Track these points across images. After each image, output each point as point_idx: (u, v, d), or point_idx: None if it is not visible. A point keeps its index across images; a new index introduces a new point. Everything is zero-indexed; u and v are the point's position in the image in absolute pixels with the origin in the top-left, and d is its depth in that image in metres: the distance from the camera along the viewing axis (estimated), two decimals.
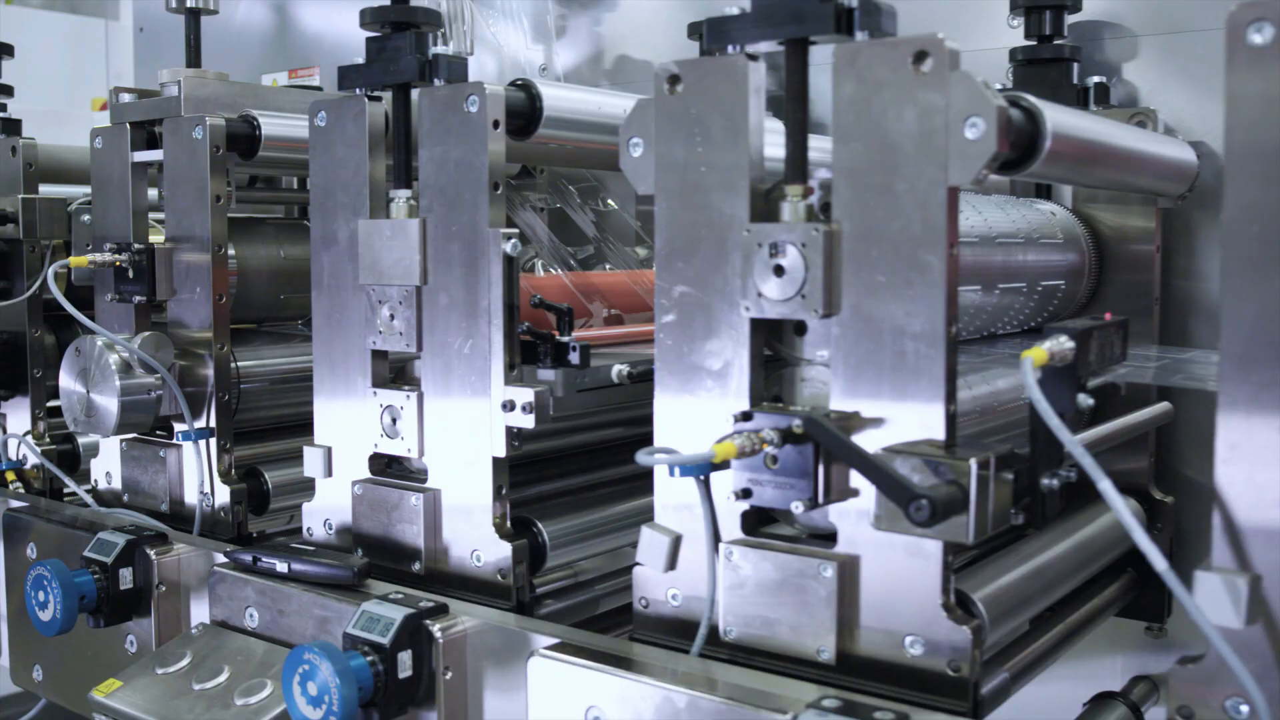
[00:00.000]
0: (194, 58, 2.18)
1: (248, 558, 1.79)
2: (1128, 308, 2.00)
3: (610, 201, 2.59)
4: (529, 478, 1.94)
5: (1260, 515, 1.17)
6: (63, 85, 4.40)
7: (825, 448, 1.31)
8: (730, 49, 1.44)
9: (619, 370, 1.74)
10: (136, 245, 2.10)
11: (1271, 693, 1.17)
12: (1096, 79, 2.08)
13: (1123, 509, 1.17)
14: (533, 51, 2.91)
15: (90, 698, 1.75)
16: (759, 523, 1.51)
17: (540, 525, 1.81)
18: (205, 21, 2.27)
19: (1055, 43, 2.09)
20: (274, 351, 2.24)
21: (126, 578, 1.93)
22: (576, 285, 2.14)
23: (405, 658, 1.57)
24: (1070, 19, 2.14)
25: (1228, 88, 1.16)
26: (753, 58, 1.44)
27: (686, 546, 1.52)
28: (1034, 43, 2.11)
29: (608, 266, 2.45)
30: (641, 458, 1.37)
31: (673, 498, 1.52)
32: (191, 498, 2.11)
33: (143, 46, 3.84)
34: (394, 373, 1.88)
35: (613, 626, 1.89)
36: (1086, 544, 1.76)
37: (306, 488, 1.94)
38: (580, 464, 2.02)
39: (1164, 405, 1.91)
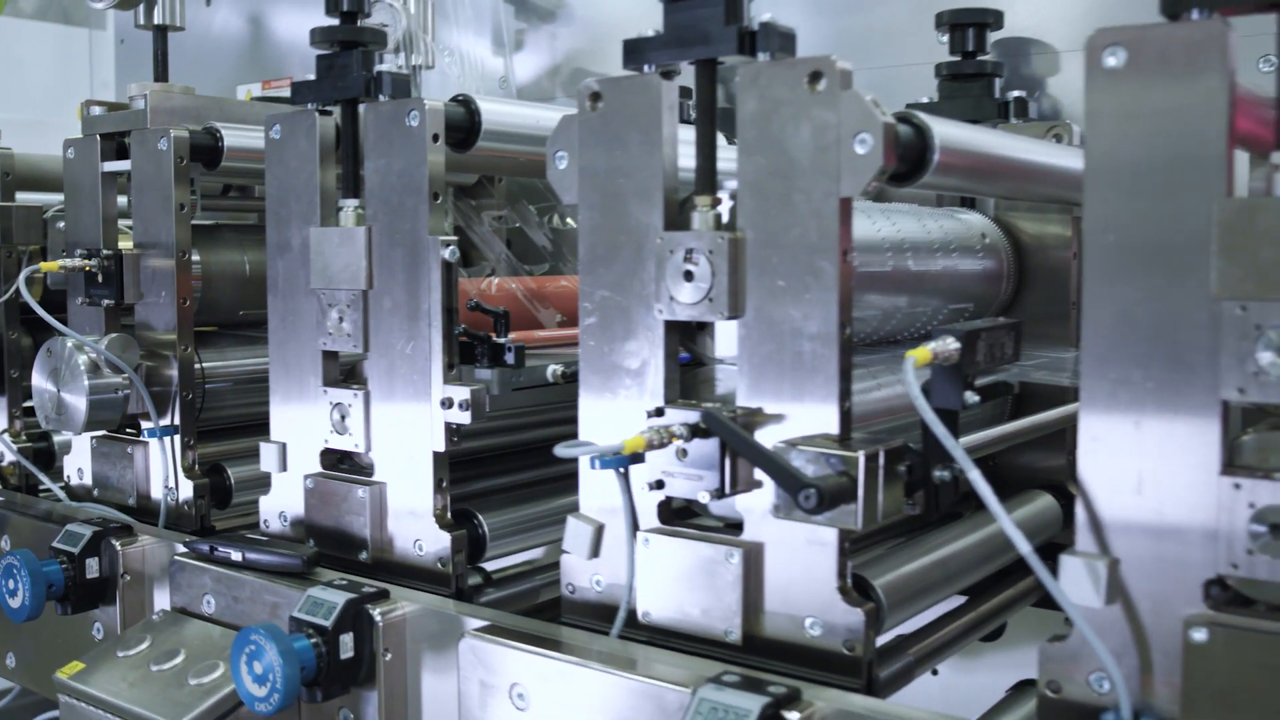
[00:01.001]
0: (161, 72, 2.29)
1: (205, 547, 1.89)
2: (1047, 311, 2.10)
3: (569, 220, 2.68)
4: (475, 473, 2.04)
5: (1118, 503, 1.26)
6: (53, 94, 4.51)
7: (724, 441, 1.41)
8: (646, 68, 1.54)
9: (553, 370, 1.84)
10: (105, 251, 2.20)
11: (1129, 668, 1.26)
12: (1016, 93, 2.18)
13: (990, 496, 1.26)
14: (494, 64, 3.02)
15: (55, 679, 1.84)
16: (684, 515, 1.61)
17: (481, 517, 1.90)
18: (184, 34, 2.37)
19: (978, 59, 2.19)
20: (238, 353, 2.33)
21: (93, 567, 2.03)
22: (528, 293, 2.23)
23: (347, 639, 1.66)
24: (997, 35, 2.24)
25: (1087, 106, 1.26)
26: (668, 76, 1.54)
27: (609, 536, 1.61)
28: (958, 58, 2.21)
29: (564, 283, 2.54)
30: (559, 450, 1.47)
31: (597, 490, 1.61)
32: (158, 492, 2.20)
33: (124, 57, 3.95)
34: (345, 372, 1.97)
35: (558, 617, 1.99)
36: (997, 535, 1.85)
37: (268, 483, 2.04)
38: (524, 460, 2.11)
39: (1077, 405, 2.00)
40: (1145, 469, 1.24)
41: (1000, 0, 2.26)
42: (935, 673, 2.47)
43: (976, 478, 1.28)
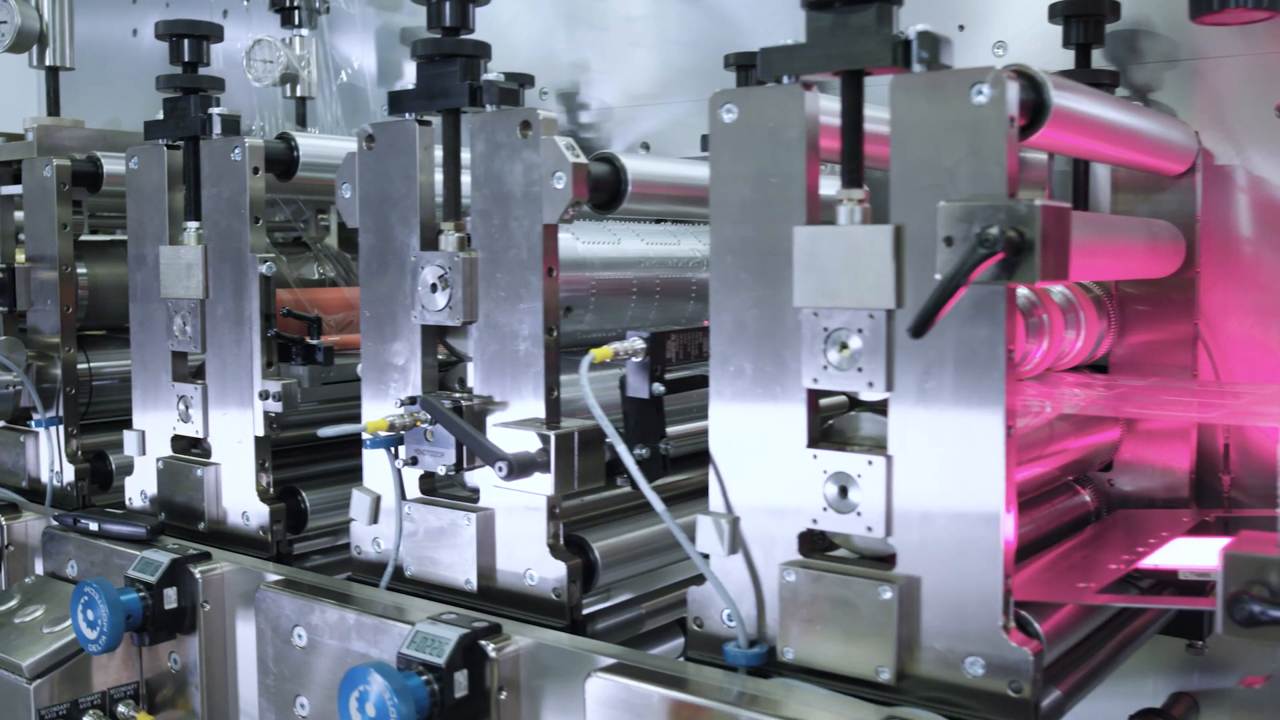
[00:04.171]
0: (53, 107, 2.61)
1: (70, 520, 2.21)
2: None
3: None
4: (310, 458, 2.35)
5: (737, 471, 1.56)
6: (14, 113, 4.84)
7: (438, 422, 1.72)
8: (406, 116, 1.85)
9: (360, 368, 2.14)
10: (1, 265, 2.52)
11: (748, 606, 1.56)
12: None
13: (632, 466, 1.57)
14: (378, 94, 3.34)
15: None
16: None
17: (304, 494, 2.22)
18: (114, 61, 2.67)
19: None
20: (122, 354, 2.64)
21: None
22: None
23: (171, 593, 1.98)
24: None
25: (710, 153, 1.56)
26: (424, 123, 1.85)
27: (385, 505, 1.92)
28: None
29: None
30: (320, 432, 1.78)
31: (376, 467, 1.92)
32: (45, 475, 2.52)
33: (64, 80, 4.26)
34: (196, 369, 2.29)
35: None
36: None
37: None
38: (355, 448, 2.41)
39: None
40: (755, 444, 1.54)
41: None
42: None
43: (623, 452, 1.58)
